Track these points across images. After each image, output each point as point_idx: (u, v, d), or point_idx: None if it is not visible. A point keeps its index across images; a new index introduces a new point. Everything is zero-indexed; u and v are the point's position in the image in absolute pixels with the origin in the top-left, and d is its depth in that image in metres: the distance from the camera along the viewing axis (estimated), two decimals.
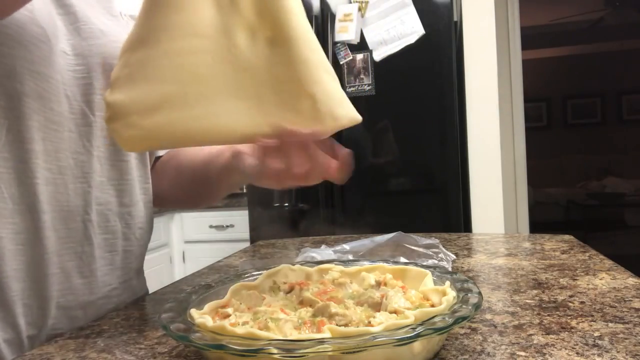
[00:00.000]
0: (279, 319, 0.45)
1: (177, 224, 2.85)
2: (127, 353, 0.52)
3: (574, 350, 0.45)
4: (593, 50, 6.34)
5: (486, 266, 0.81)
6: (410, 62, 2.18)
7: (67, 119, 0.63)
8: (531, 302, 0.61)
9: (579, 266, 0.77)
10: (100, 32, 0.67)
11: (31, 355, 0.54)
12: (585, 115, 6.61)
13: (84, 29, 0.65)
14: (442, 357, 0.46)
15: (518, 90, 2.95)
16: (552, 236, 1.03)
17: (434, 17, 2.16)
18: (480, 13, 2.23)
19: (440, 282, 0.53)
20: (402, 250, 0.85)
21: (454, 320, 0.41)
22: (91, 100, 0.66)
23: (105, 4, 0.71)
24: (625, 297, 0.60)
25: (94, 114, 0.66)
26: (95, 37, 0.66)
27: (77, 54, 0.65)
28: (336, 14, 2.28)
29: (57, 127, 0.62)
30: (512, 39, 2.90)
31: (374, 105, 2.24)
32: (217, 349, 0.40)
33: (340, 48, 2.28)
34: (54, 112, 0.62)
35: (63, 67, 0.63)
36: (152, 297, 0.78)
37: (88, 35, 0.66)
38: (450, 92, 2.16)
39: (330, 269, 0.60)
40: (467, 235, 1.15)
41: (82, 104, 0.65)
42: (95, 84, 0.66)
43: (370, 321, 0.45)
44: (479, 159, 2.24)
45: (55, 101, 0.62)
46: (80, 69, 0.65)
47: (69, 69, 0.64)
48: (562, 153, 6.39)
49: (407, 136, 2.22)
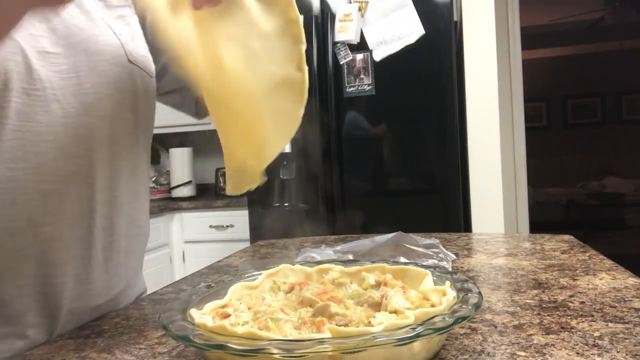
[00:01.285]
0: (279, 319, 0.45)
1: (177, 224, 2.85)
2: (127, 353, 0.52)
3: (574, 350, 0.45)
4: (593, 50, 6.34)
5: (486, 266, 0.81)
6: (410, 62, 2.18)
7: (62, 125, 0.60)
8: (531, 302, 0.61)
9: (579, 266, 0.77)
10: (76, 27, 0.64)
11: (31, 355, 0.54)
12: (585, 115, 6.61)
13: (59, 28, 0.62)
14: (442, 357, 0.46)
15: (518, 90, 2.95)
16: (552, 236, 1.03)
17: (434, 17, 2.16)
18: (480, 13, 2.23)
19: (440, 282, 0.53)
20: (402, 250, 0.85)
21: (454, 320, 0.41)
22: (84, 101, 0.63)
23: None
24: (625, 297, 0.60)
25: (91, 115, 0.63)
26: (72, 35, 0.63)
27: (58, 53, 0.61)
28: (336, 14, 2.28)
29: (50, 137, 0.59)
30: (512, 39, 2.90)
31: (374, 105, 2.24)
32: (217, 349, 0.40)
33: (340, 48, 2.28)
34: (41, 124, 0.58)
35: (47, 68, 0.59)
36: (152, 297, 0.78)
37: (66, 34, 0.62)
38: (450, 92, 2.16)
39: (330, 269, 0.60)
40: (467, 235, 1.15)
41: (76, 105, 0.62)
42: (85, 83, 0.63)
43: (370, 321, 0.45)
44: (479, 159, 2.24)
45: (41, 112, 0.58)
46: (65, 69, 0.62)
47: (53, 69, 0.60)
48: (562, 153, 6.39)
49: (407, 136, 2.22)
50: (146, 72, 0.73)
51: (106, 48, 0.66)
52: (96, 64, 0.65)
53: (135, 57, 0.70)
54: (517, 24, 2.91)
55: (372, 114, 2.25)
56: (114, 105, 0.67)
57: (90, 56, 0.64)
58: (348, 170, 2.21)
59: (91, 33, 0.65)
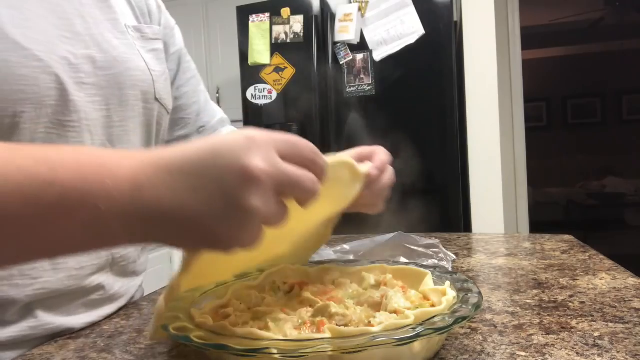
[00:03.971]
0: (279, 319, 0.45)
1: None
2: (127, 353, 0.52)
3: (574, 350, 0.45)
4: (593, 50, 6.33)
5: (486, 266, 0.81)
6: (410, 62, 2.18)
7: None
8: (531, 302, 0.61)
9: (579, 266, 0.77)
10: (114, 59, 0.64)
11: (31, 355, 0.54)
12: (585, 115, 6.61)
13: (98, 58, 0.62)
14: (442, 357, 0.46)
15: (518, 90, 2.95)
16: (552, 236, 1.03)
17: (434, 17, 2.16)
18: (480, 13, 2.23)
19: (440, 282, 0.53)
20: (402, 250, 0.85)
21: (454, 320, 0.41)
22: (111, 134, 0.64)
23: (111, 17, 0.67)
24: (625, 297, 0.60)
25: (115, 148, 0.64)
26: (109, 68, 0.63)
27: (93, 84, 0.61)
28: (336, 14, 2.28)
29: None
30: (512, 39, 2.90)
31: (374, 105, 2.24)
32: (217, 348, 0.40)
33: (340, 48, 2.28)
34: None
35: (83, 99, 0.60)
36: (151, 297, 0.78)
37: (103, 66, 0.63)
38: (450, 92, 2.16)
39: (330, 269, 0.60)
40: (467, 235, 1.15)
41: (103, 138, 0.63)
42: (114, 117, 0.64)
43: (370, 321, 0.45)
44: (479, 159, 2.24)
45: (73, 143, 0.59)
46: (99, 100, 0.62)
47: (88, 100, 0.61)
48: (562, 153, 6.39)
49: (407, 136, 2.22)
50: (165, 109, 0.74)
51: (139, 84, 0.67)
52: (127, 99, 0.65)
53: (161, 95, 0.71)
54: (517, 24, 2.91)
55: (372, 114, 2.25)
56: (134, 138, 0.68)
57: (122, 90, 0.65)
58: None
59: (127, 67, 0.66)
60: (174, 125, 0.81)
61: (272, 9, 2.39)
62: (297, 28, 2.36)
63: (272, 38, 2.40)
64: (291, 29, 2.37)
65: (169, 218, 0.35)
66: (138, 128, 0.68)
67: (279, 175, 0.36)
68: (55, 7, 0.60)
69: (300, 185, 0.37)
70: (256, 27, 2.42)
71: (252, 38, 2.42)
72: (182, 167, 0.35)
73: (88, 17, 0.63)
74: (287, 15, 2.38)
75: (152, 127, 0.71)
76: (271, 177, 0.35)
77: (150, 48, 0.71)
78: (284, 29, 2.38)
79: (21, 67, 0.53)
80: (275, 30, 2.40)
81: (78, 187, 0.34)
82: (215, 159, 0.35)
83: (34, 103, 0.55)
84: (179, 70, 0.81)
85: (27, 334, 0.58)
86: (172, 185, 0.35)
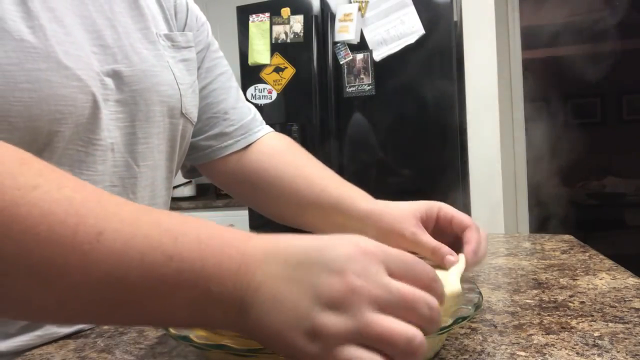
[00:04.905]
0: None
1: None
2: (127, 353, 0.52)
3: (574, 350, 0.45)
4: (593, 50, 6.33)
5: (486, 266, 0.81)
6: (410, 62, 2.18)
7: (110, 175, 0.59)
8: (531, 302, 0.61)
9: (579, 266, 0.77)
10: (142, 73, 0.61)
11: (31, 355, 0.54)
12: (585, 115, 6.61)
13: (125, 72, 0.59)
14: (442, 357, 0.46)
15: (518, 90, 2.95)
16: (552, 236, 1.03)
17: (434, 17, 2.16)
18: (480, 13, 2.23)
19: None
20: None
21: (454, 320, 0.41)
22: (135, 151, 0.61)
23: (142, 25, 0.64)
24: (625, 297, 0.60)
25: (138, 165, 0.62)
26: (137, 82, 0.60)
27: (118, 100, 0.59)
28: (336, 14, 2.28)
29: (100, 187, 0.56)
30: (512, 39, 2.90)
31: (374, 105, 2.24)
32: (217, 349, 0.39)
33: (340, 48, 2.28)
34: (97, 172, 0.57)
35: (107, 116, 0.57)
36: None
37: (130, 81, 0.60)
38: (450, 92, 2.16)
39: None
40: None
41: (126, 155, 0.61)
42: (138, 133, 0.61)
43: None
44: (479, 159, 2.24)
45: (99, 162, 0.57)
46: (122, 117, 0.60)
47: (112, 117, 0.58)
48: (562, 153, 6.39)
49: (407, 136, 2.22)
50: (190, 123, 0.71)
51: (166, 99, 0.64)
52: (153, 115, 0.63)
53: (187, 109, 0.68)
54: (517, 24, 2.91)
55: (372, 114, 2.25)
56: (159, 154, 0.66)
57: (149, 106, 0.62)
58: (348, 171, 2.21)
59: (155, 82, 0.63)
60: (203, 127, 0.76)
61: (272, 9, 2.39)
62: (297, 28, 2.36)
63: (272, 38, 2.40)
64: (291, 29, 2.37)
65: None
66: (162, 144, 0.66)
67: (380, 295, 0.33)
68: (85, 19, 0.57)
69: (415, 308, 0.34)
70: (256, 27, 2.42)
71: (252, 38, 2.42)
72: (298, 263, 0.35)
73: (119, 27, 0.60)
74: (287, 15, 2.38)
75: (176, 141, 0.68)
76: (368, 295, 0.33)
77: (180, 58, 0.68)
78: (284, 29, 2.38)
79: (62, 88, 0.51)
80: (275, 30, 2.40)
81: (196, 267, 0.34)
82: (318, 262, 0.34)
83: (69, 123, 0.53)
84: (203, 68, 0.76)
85: (35, 343, 0.58)
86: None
